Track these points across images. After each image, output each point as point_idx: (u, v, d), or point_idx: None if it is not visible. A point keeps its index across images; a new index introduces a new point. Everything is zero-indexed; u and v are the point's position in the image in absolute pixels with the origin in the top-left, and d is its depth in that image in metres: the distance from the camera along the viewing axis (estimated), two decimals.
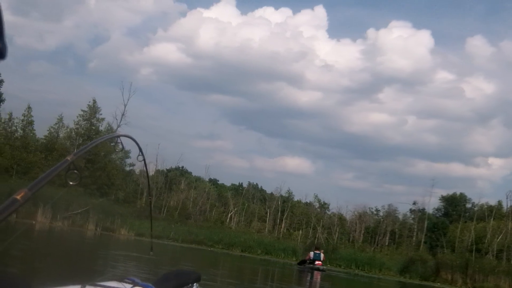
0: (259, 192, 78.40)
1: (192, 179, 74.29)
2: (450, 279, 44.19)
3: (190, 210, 64.75)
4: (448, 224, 67.73)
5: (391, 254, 58.22)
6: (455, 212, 72.84)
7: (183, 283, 4.58)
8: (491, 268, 44.47)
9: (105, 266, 18.26)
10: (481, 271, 43.61)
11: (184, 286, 4.56)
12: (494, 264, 46.42)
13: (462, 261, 45.56)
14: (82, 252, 24.42)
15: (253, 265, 36.23)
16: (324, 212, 76.29)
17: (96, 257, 22.85)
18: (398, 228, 69.72)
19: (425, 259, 49.47)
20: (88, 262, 18.86)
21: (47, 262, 15.83)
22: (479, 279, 43.16)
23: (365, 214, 72.47)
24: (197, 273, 4.90)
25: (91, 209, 44.09)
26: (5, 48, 1.36)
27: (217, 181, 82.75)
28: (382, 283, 39.38)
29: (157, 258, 22.76)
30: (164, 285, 4.38)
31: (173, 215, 59.78)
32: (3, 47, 1.35)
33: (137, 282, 3.79)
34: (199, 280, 4.78)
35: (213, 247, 48.69)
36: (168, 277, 4.69)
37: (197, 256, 37.12)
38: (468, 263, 44.65)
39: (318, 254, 39.56)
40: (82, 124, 54.27)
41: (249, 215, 71.98)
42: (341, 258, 49.00)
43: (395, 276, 46.49)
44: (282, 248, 51.48)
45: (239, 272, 28.50)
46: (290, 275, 32.60)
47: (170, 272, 5.02)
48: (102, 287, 3.56)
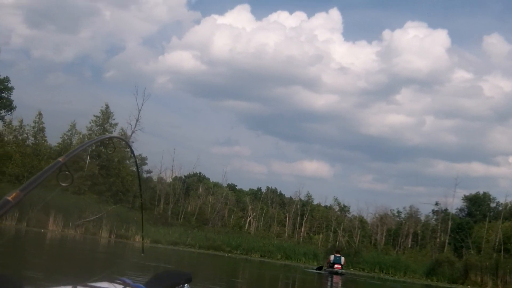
0: (278, 197, 76.57)
1: (210, 185, 72.40)
2: (479, 281, 41.56)
3: (207, 216, 62.94)
4: (472, 224, 64.98)
5: (415, 257, 55.73)
6: (479, 212, 70.66)
7: (175, 284, 4.37)
8: None
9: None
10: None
11: (175, 286, 4.35)
12: None
13: (491, 262, 42.78)
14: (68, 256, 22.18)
15: (274, 271, 33.85)
16: (345, 215, 74.17)
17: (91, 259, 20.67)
18: (420, 229, 67.48)
19: (452, 261, 46.94)
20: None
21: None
22: (510, 280, 40.41)
23: (386, 216, 70.37)
24: (188, 273, 4.65)
25: (104, 216, 42.14)
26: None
27: (235, 187, 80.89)
28: (409, 287, 36.78)
29: (171, 266, 20.81)
30: (155, 285, 4.18)
31: (190, 221, 58.03)
32: None
33: (128, 283, 3.62)
34: (190, 280, 4.58)
35: (231, 252, 46.71)
36: (159, 277, 4.47)
37: (214, 263, 34.78)
38: (498, 264, 41.85)
39: (339, 257, 37.56)
40: (95, 130, 52.38)
41: (268, 220, 70.14)
42: (364, 262, 46.88)
43: (421, 279, 44.14)
44: (302, 252, 49.41)
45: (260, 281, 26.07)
46: (312, 281, 30.12)
47: (161, 272, 4.67)
48: (93, 287, 3.33)
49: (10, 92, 48.65)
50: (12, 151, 47.26)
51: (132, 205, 52.26)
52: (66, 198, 41.44)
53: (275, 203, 73.98)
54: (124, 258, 23.84)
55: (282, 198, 76.49)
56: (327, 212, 73.48)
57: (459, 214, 72.28)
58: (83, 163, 48.34)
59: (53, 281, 11.20)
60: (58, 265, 16.41)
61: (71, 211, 40.45)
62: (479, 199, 73.01)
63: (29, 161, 46.09)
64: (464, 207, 73.78)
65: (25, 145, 50.44)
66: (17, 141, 50.81)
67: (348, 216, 74.51)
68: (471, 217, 70.29)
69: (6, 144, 49.09)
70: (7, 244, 18.75)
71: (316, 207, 74.39)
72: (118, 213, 44.27)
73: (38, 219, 38.59)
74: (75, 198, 43.37)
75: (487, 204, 72.12)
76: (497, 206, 70.60)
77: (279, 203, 74.81)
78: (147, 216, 50.88)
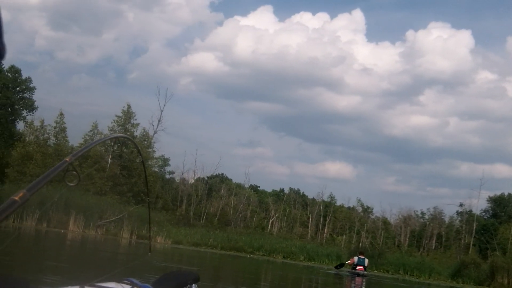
0: (301, 198, 75.81)
1: (232, 186, 71.67)
2: (506, 283, 40.13)
3: (230, 217, 62.18)
4: (498, 225, 63.54)
5: (440, 258, 54.44)
6: (504, 213, 69.50)
7: (182, 284, 4.35)
8: None
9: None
10: None
11: (183, 287, 4.32)
12: None
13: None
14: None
15: (297, 273, 32.91)
16: (368, 217, 73.09)
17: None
18: (444, 231, 66.22)
19: (478, 262, 45.55)
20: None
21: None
22: None
23: (410, 218, 69.12)
24: (195, 273, 4.67)
25: (125, 217, 41.47)
26: (4, 48, 1.28)
27: (258, 188, 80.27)
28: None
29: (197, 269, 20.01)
30: (162, 286, 4.20)
31: (212, 222, 57.23)
32: (1, 47, 1.27)
33: (136, 283, 3.68)
34: (197, 280, 4.55)
35: (254, 253, 45.71)
36: (166, 278, 4.48)
37: (236, 264, 33.93)
38: None
39: (363, 259, 36.64)
40: (116, 130, 51.73)
41: (290, 221, 69.25)
42: (388, 263, 45.67)
43: (447, 281, 42.84)
44: (325, 253, 48.31)
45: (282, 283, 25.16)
46: (334, 284, 29.13)
47: (169, 272, 4.83)
48: (100, 287, 3.43)
49: (32, 92, 48.23)
50: (33, 151, 46.64)
51: (154, 205, 51.67)
52: (87, 199, 40.90)
53: (297, 204, 73.14)
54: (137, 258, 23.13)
55: (304, 199, 75.82)
56: (350, 213, 72.42)
57: (484, 215, 71.18)
58: (105, 164, 47.83)
59: (60, 281, 10.81)
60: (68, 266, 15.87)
61: (92, 212, 39.87)
62: (504, 200, 71.92)
63: (50, 161, 45.46)
64: (488, 208, 72.78)
65: (47, 145, 49.86)
66: (38, 141, 50.20)
67: (371, 217, 73.50)
68: (495, 218, 69.04)
69: (27, 144, 48.49)
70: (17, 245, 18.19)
71: (339, 208, 73.26)
72: (140, 213, 43.64)
73: (58, 219, 38.01)
74: (96, 198, 42.81)
75: None
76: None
77: (302, 204, 73.99)
78: (169, 217, 50.22)
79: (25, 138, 50.31)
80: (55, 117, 51.81)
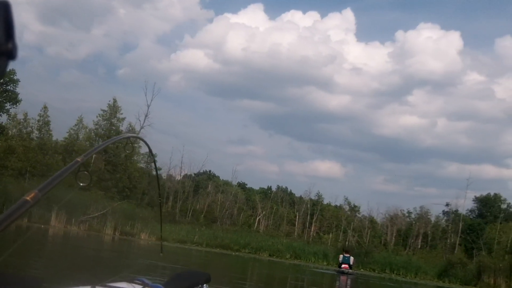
0: (288, 196, 74.74)
1: (219, 183, 70.66)
2: (493, 283, 39.55)
3: (216, 214, 61.19)
4: (484, 225, 63.02)
5: (426, 257, 53.76)
6: (490, 213, 69.00)
7: (193, 284, 4.38)
8: None
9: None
10: None
11: (194, 287, 4.35)
12: None
13: (505, 264, 40.65)
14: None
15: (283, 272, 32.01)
16: (355, 215, 72.24)
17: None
18: (430, 230, 65.58)
19: (465, 262, 44.96)
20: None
21: None
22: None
23: (396, 217, 68.38)
24: (207, 274, 4.67)
25: (109, 213, 40.41)
26: (16, 48, 1.22)
27: (245, 185, 79.23)
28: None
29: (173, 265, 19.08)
30: (174, 286, 4.20)
31: (199, 219, 56.26)
32: (13, 48, 1.21)
33: (147, 283, 3.67)
34: (209, 280, 4.57)
35: (240, 251, 44.96)
36: (178, 277, 4.50)
37: (221, 262, 32.98)
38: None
39: (348, 257, 36.15)
40: (102, 125, 50.60)
41: (277, 219, 68.34)
42: (374, 262, 45.15)
43: (433, 280, 42.26)
44: (312, 252, 47.64)
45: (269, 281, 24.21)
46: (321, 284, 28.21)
47: (180, 273, 4.81)
48: (111, 287, 3.45)
49: (16, 85, 46.75)
50: (16, 144, 45.29)
51: (139, 201, 50.64)
52: (70, 194, 39.71)
53: (285, 202, 72.24)
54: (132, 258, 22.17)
55: (292, 197, 74.86)
56: (337, 211, 71.66)
57: (470, 215, 70.72)
58: (89, 159, 46.59)
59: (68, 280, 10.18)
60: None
61: (74, 207, 38.73)
62: (490, 200, 71.61)
63: (33, 155, 44.37)
64: (474, 208, 72.61)
65: (30, 139, 48.48)
66: (21, 134, 48.91)
67: (358, 216, 72.66)
68: (481, 218, 68.64)
69: (10, 138, 47.10)
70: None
71: (326, 206, 72.44)
72: (124, 209, 42.58)
73: (40, 215, 36.77)
74: (80, 194, 41.62)
75: (498, 205, 70.54)
76: (508, 208, 68.97)
77: (289, 202, 73.08)
78: (154, 214, 49.17)
79: (7, 132, 48.79)
80: (39, 111, 50.54)
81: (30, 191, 2.04)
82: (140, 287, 3.62)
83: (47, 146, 48.19)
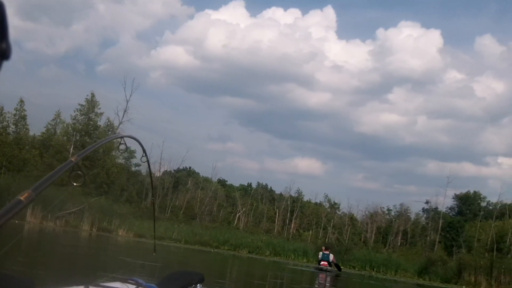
0: (268, 193, 74.32)
1: (199, 179, 69.88)
2: (473, 281, 39.05)
3: (196, 211, 60.37)
4: (463, 223, 62.82)
5: (406, 255, 53.34)
6: (469, 211, 69.06)
7: (187, 284, 4.39)
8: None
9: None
10: (507, 272, 38.26)
11: (188, 286, 4.37)
12: None
13: (485, 262, 40.23)
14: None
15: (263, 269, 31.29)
16: (335, 212, 71.91)
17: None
18: (410, 228, 65.31)
19: (445, 259, 44.53)
20: None
21: None
22: (504, 280, 37.92)
23: (376, 214, 68.11)
24: (201, 274, 4.67)
25: (86, 208, 39.42)
26: (10, 49, 1.23)
27: (226, 182, 78.63)
28: (400, 285, 34.18)
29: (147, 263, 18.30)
30: (168, 285, 4.21)
31: (178, 215, 55.41)
32: (7, 48, 1.22)
33: (141, 283, 3.64)
34: (203, 280, 4.56)
35: (219, 248, 44.21)
36: (172, 277, 4.52)
37: (199, 259, 32.12)
38: (493, 264, 39.30)
39: (327, 254, 35.67)
40: (79, 119, 49.43)
41: (258, 216, 67.78)
42: (355, 259, 44.66)
43: (413, 278, 41.72)
44: (292, 249, 47.03)
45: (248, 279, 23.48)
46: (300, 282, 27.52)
47: (174, 272, 4.77)
48: (105, 287, 3.46)
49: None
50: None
51: (117, 197, 49.70)
52: (46, 189, 38.65)
53: (265, 199, 71.72)
54: None
55: (272, 194, 74.41)
56: (318, 208, 71.30)
57: (449, 213, 70.52)
58: (67, 153, 45.75)
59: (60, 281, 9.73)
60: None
61: (51, 203, 37.64)
62: (470, 198, 71.59)
63: (9, 150, 43.24)
64: (454, 205, 72.60)
65: (6, 133, 47.21)
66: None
67: (338, 213, 72.43)
68: (461, 216, 68.55)
69: None
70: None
71: (307, 203, 72.16)
72: (101, 205, 41.60)
73: None
74: (56, 189, 40.56)
75: (477, 203, 70.71)
76: (488, 205, 68.99)
77: (269, 199, 72.56)
78: (133, 210, 48.32)
79: None
80: (16, 105, 49.00)
81: (24, 191, 2.00)
82: (133, 287, 3.59)
83: (24, 140, 47.01)
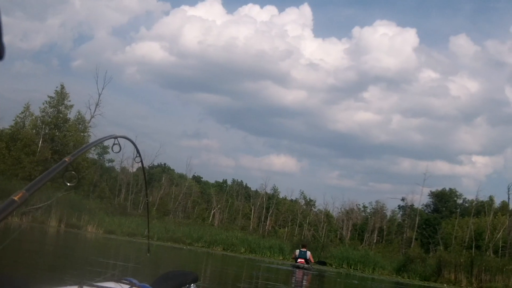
0: (244, 189, 72.78)
1: (174, 176, 68.10)
2: (453, 278, 37.71)
3: (169, 207, 58.51)
4: (440, 220, 61.83)
5: (383, 252, 52.04)
6: (445, 208, 68.25)
7: (181, 284, 4.30)
8: (499, 266, 37.66)
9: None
10: (487, 270, 36.99)
11: (181, 286, 4.28)
12: (503, 263, 39.49)
13: (466, 260, 38.90)
14: None
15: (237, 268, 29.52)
16: (310, 209, 70.57)
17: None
18: (386, 225, 64.23)
19: (424, 257, 43.17)
20: None
21: None
22: (485, 278, 36.66)
23: (352, 211, 66.96)
24: (195, 273, 4.56)
25: (54, 204, 37.37)
26: (3, 49, 1.28)
27: (201, 179, 77.12)
28: (381, 284, 32.60)
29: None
30: (161, 285, 4.15)
31: (151, 212, 53.35)
32: (1, 48, 1.26)
33: (135, 283, 3.58)
34: (196, 280, 4.49)
35: (192, 245, 42.52)
36: (165, 277, 4.41)
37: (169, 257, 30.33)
38: (473, 261, 37.98)
39: (304, 252, 34.16)
40: (48, 112, 47.25)
41: (233, 213, 66.33)
42: (331, 257, 43.09)
43: (392, 276, 40.30)
44: (267, 246, 45.34)
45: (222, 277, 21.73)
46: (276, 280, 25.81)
47: (168, 272, 4.60)
48: (99, 287, 3.34)
49: None
50: None
51: (88, 193, 47.74)
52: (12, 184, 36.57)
53: (240, 196, 70.21)
54: None
55: (248, 191, 73.12)
56: (293, 205, 70.08)
57: (425, 210, 69.89)
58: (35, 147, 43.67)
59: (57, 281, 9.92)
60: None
61: None
62: (446, 196, 70.83)
63: None
64: (430, 203, 71.95)
65: None
66: None
67: (314, 210, 71.13)
68: (437, 213, 67.90)
69: None
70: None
71: (282, 200, 71.04)
72: (70, 200, 39.56)
73: None
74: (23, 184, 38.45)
75: (453, 200, 70.15)
76: (464, 203, 68.19)
77: (245, 196, 71.25)
78: (104, 205, 46.36)
79: None
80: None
81: (18, 191, 1.97)
82: (127, 287, 3.47)
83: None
